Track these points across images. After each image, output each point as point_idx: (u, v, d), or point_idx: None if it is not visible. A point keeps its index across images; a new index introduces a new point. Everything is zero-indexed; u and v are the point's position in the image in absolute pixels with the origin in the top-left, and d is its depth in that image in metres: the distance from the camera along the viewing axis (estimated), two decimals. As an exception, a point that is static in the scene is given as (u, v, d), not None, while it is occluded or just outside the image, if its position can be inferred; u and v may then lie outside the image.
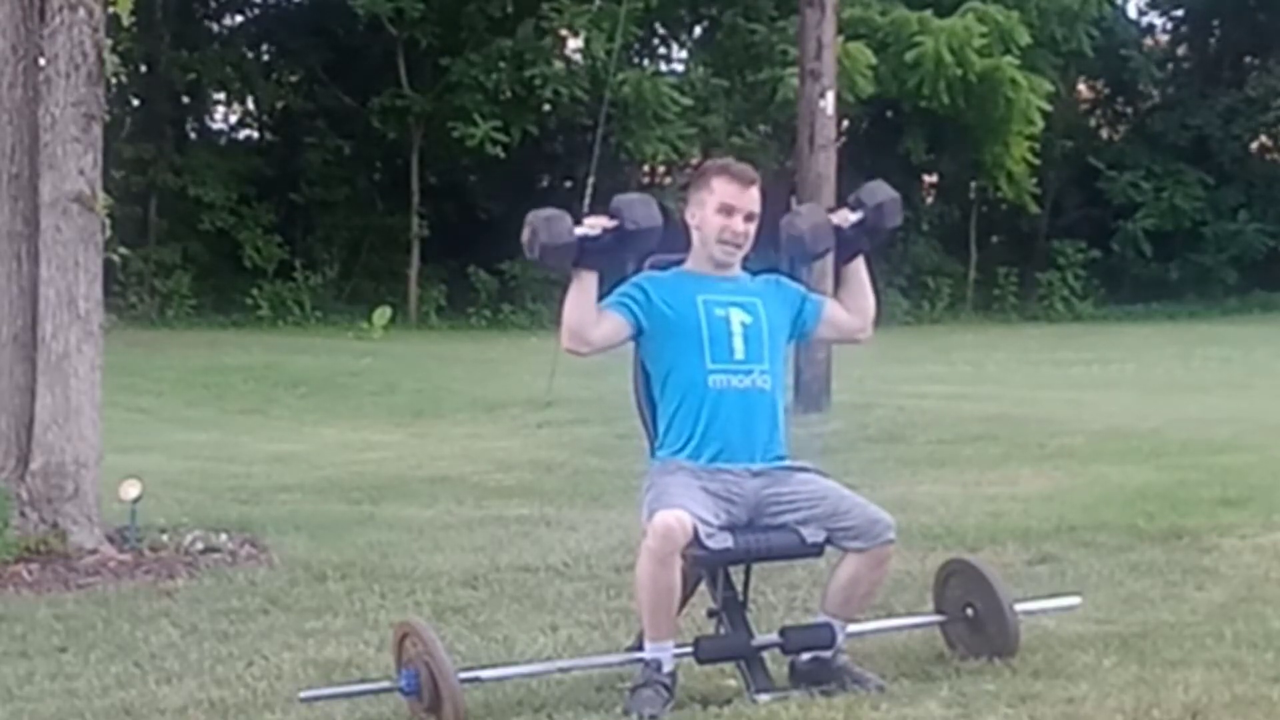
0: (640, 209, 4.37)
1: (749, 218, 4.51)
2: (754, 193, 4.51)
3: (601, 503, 8.37)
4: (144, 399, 15.07)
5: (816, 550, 4.43)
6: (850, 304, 4.72)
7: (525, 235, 4.41)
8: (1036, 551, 6.43)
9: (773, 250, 4.65)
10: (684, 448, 4.44)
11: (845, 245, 4.66)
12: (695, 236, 4.57)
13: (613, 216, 4.35)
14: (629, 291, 4.47)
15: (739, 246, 4.53)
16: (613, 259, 4.41)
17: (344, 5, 25.55)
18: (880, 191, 4.71)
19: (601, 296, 4.43)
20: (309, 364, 18.41)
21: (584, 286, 4.36)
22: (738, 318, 4.48)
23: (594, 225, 4.35)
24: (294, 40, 28.85)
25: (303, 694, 4.34)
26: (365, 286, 27.52)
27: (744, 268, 4.61)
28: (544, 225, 4.36)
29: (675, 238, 4.64)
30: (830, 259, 4.72)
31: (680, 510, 4.18)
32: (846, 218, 4.64)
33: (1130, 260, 29.83)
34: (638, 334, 4.46)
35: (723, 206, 4.49)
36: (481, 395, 15.11)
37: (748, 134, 26.95)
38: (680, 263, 4.60)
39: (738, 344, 4.46)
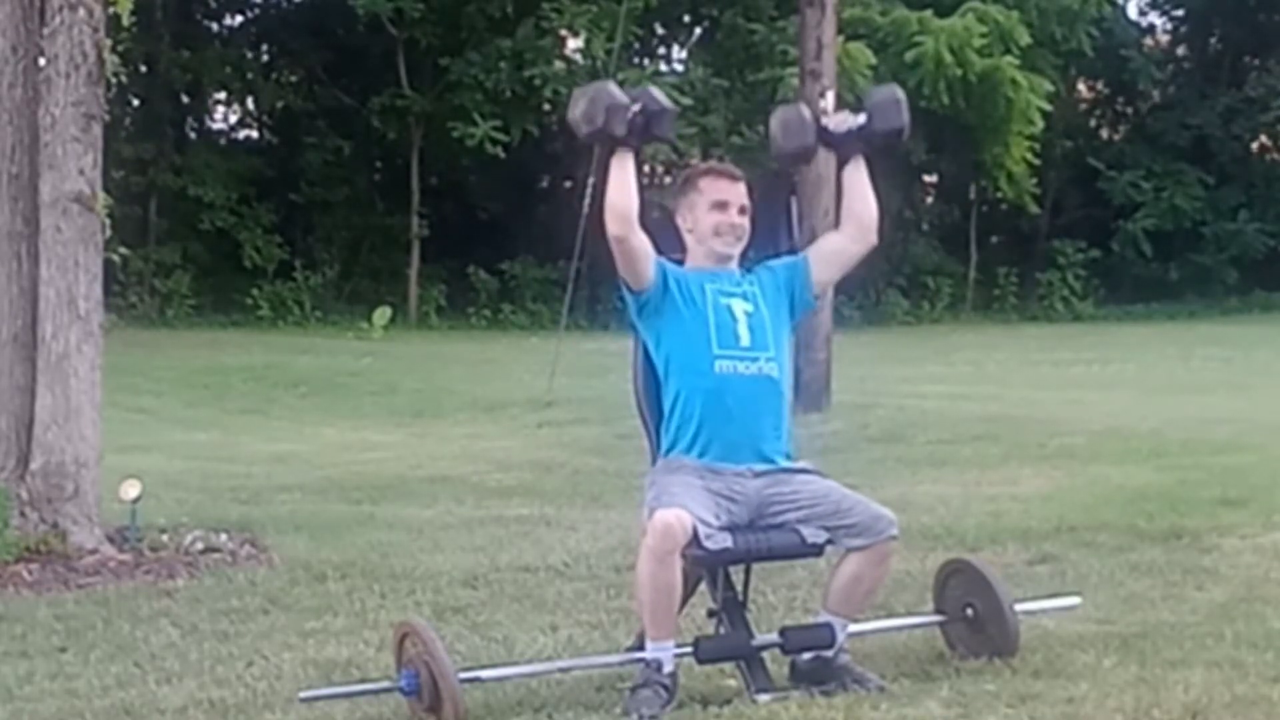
0: (656, 93, 4.45)
1: (742, 210, 4.54)
2: (742, 188, 4.55)
3: (601, 503, 8.37)
4: (144, 399, 15.07)
5: (817, 550, 4.43)
6: (847, 210, 4.66)
7: (581, 106, 4.36)
8: (1036, 551, 6.43)
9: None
10: (687, 438, 4.44)
11: (838, 148, 4.64)
12: (690, 239, 4.59)
13: (635, 102, 4.38)
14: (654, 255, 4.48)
15: (738, 238, 4.55)
16: (641, 141, 4.42)
17: (344, 5, 25.54)
18: (880, 93, 4.71)
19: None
20: (309, 364, 18.41)
21: (627, 167, 4.37)
22: (741, 306, 4.50)
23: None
24: (294, 40, 28.86)
25: (303, 694, 4.35)
26: (365, 286, 27.52)
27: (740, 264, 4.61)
28: (602, 89, 4.37)
29: (675, 238, 4.65)
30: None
31: (680, 509, 4.18)
32: (844, 120, 4.62)
33: (1130, 260, 29.82)
34: (658, 289, 4.44)
35: (715, 203, 4.52)
36: (481, 395, 15.12)
37: (748, 134, 26.92)
38: (679, 263, 4.60)
39: (743, 331, 4.47)
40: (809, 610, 5.08)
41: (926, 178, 31.18)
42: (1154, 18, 33.70)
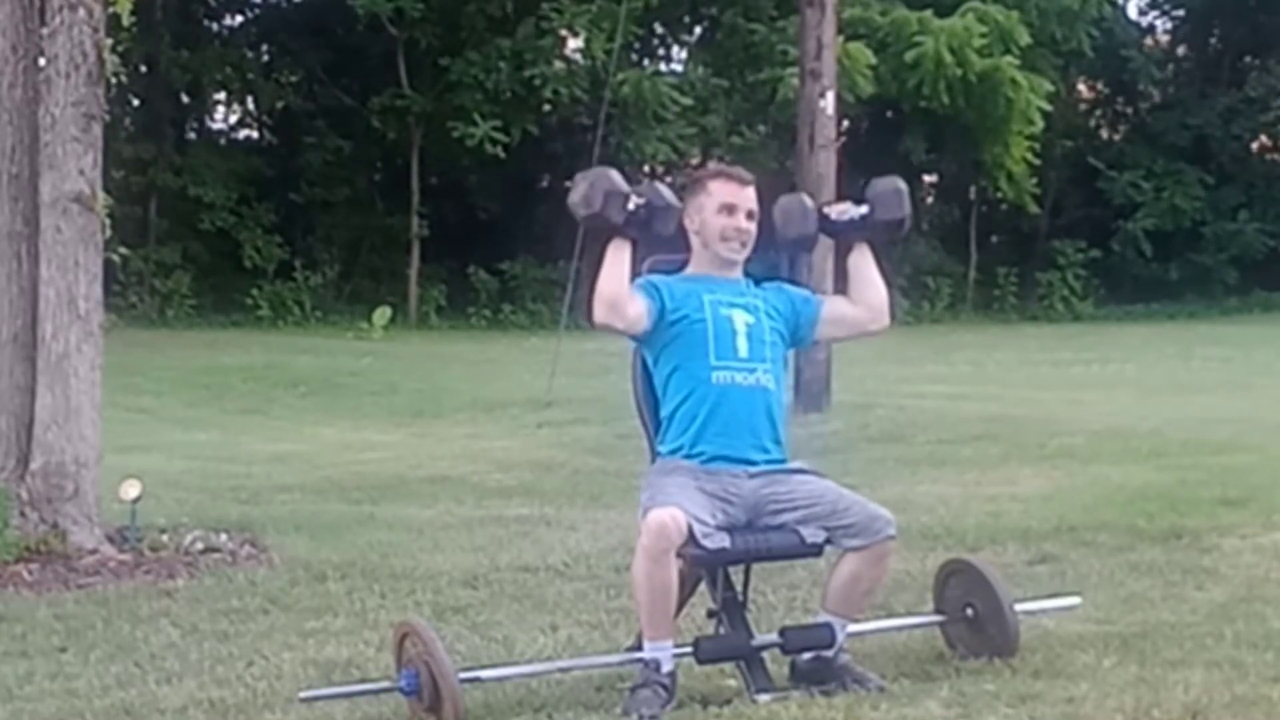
0: (663, 190, 4.48)
1: (750, 215, 4.54)
2: (751, 192, 4.55)
3: (601, 503, 8.37)
4: (144, 399, 15.07)
5: (816, 550, 4.43)
6: (856, 296, 4.68)
7: (581, 189, 4.38)
8: (1036, 551, 6.43)
9: (770, 246, 4.65)
10: (684, 445, 4.44)
11: (839, 237, 4.67)
12: (695, 241, 4.58)
13: (640, 195, 4.40)
14: (642, 284, 4.49)
15: (744, 244, 4.55)
16: (641, 235, 4.43)
17: (344, 5, 25.55)
18: (882, 183, 4.71)
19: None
20: (309, 364, 18.41)
21: (621, 257, 4.39)
22: (741, 318, 4.50)
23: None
24: (294, 40, 28.86)
25: (303, 694, 4.35)
26: (365, 286, 27.53)
27: (746, 273, 4.62)
28: (602, 175, 4.39)
29: (678, 238, 4.65)
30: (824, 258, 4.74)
31: (674, 508, 4.18)
32: (845, 210, 4.64)
33: (1130, 260, 29.82)
34: (654, 325, 4.45)
35: (724, 206, 4.51)
36: (481, 395, 15.12)
37: (748, 134, 26.95)
38: (681, 266, 4.60)
39: (741, 343, 4.47)
40: (809, 610, 5.07)
41: (926, 178, 31.18)
42: (1154, 18, 33.76)
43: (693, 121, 26.12)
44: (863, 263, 4.67)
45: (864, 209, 4.64)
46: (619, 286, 4.38)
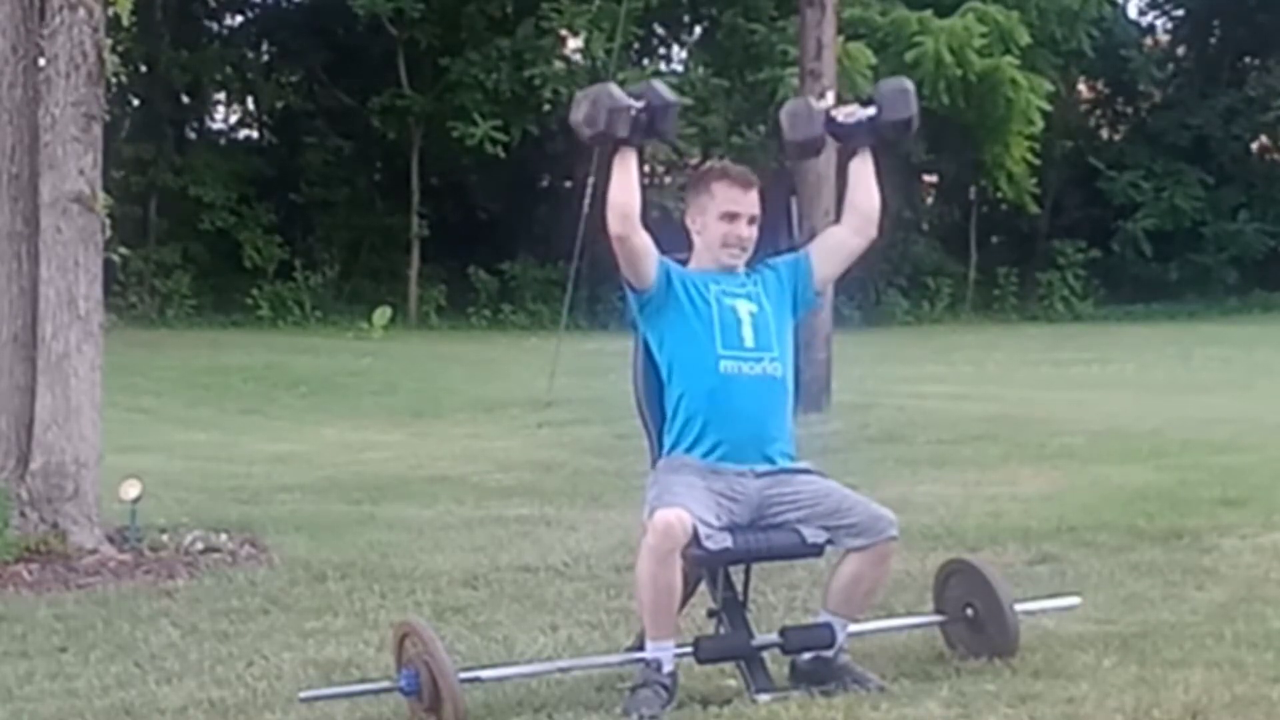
0: (659, 86, 4.47)
1: (751, 221, 4.53)
2: (754, 196, 4.53)
3: (601, 503, 8.37)
4: (144, 399, 15.06)
5: (817, 550, 4.44)
6: (850, 202, 4.66)
7: (584, 108, 4.36)
8: (1036, 551, 6.43)
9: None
10: (690, 438, 4.44)
11: (843, 139, 4.65)
12: (698, 241, 4.58)
13: (639, 98, 4.38)
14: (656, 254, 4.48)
15: (744, 250, 4.55)
16: (644, 139, 4.44)
17: (344, 5, 25.54)
18: (888, 84, 4.72)
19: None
20: (309, 364, 18.40)
21: (630, 166, 4.38)
22: (745, 307, 4.50)
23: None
24: (294, 40, 28.85)
25: (303, 694, 4.35)
26: (365, 286, 27.51)
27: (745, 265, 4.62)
28: (603, 92, 4.38)
29: (677, 237, 4.65)
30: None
31: (680, 509, 4.18)
32: (853, 112, 4.63)
33: (1130, 260, 29.81)
34: (661, 289, 4.43)
35: (725, 214, 4.51)
36: (481, 395, 15.12)
37: (747, 134, 26.92)
38: (683, 263, 4.60)
39: (747, 332, 4.47)
40: (809, 610, 5.08)
41: (926, 178, 31.16)
42: (1154, 18, 33.72)
43: (693, 121, 26.07)
44: (863, 168, 4.66)
45: (871, 110, 4.63)
46: (632, 197, 4.36)
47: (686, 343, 4.47)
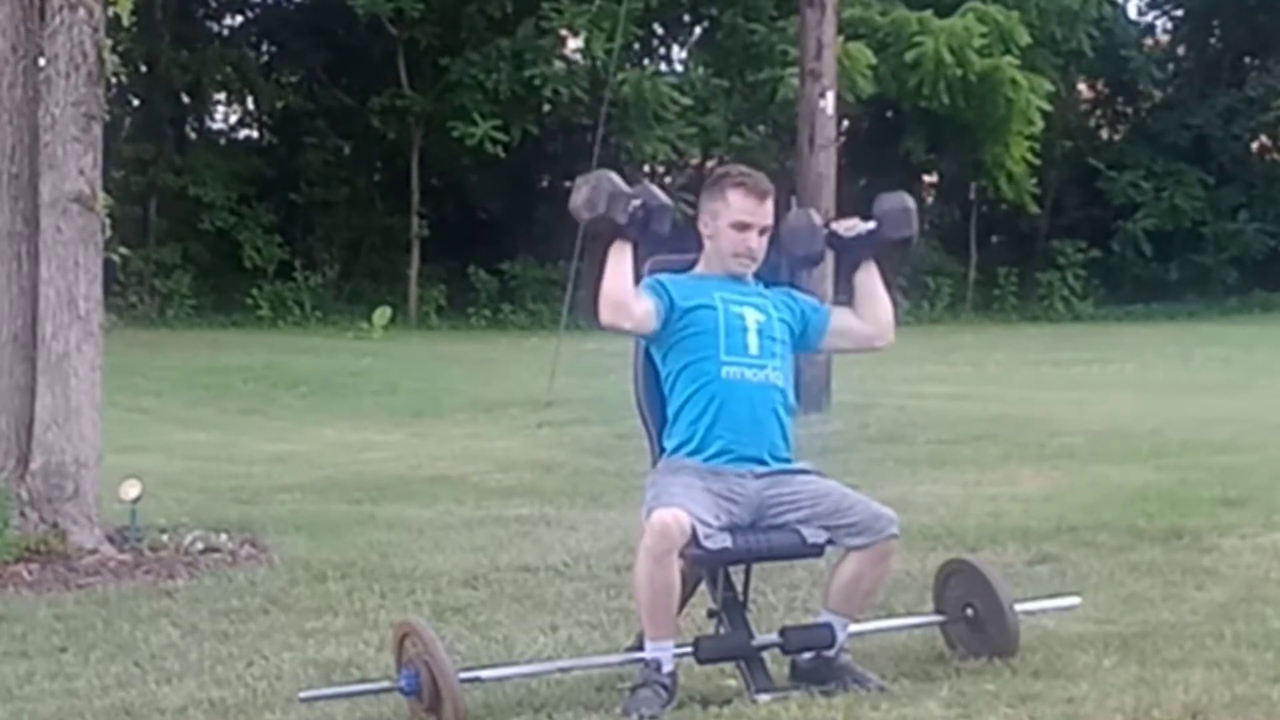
0: (653, 189, 4.49)
1: (763, 231, 4.53)
2: (769, 206, 4.53)
3: (601, 503, 8.37)
4: (144, 399, 15.06)
5: (817, 550, 4.44)
6: (863, 312, 4.68)
7: (584, 193, 4.37)
8: (1036, 551, 6.43)
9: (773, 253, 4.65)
10: (690, 440, 4.44)
11: (845, 253, 4.67)
12: (708, 245, 4.59)
13: (635, 196, 4.40)
14: (650, 284, 4.49)
15: (754, 259, 4.55)
16: (640, 236, 4.44)
17: (344, 5, 25.53)
18: (889, 200, 4.71)
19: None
20: (309, 364, 18.40)
21: (624, 257, 4.39)
22: (752, 315, 4.51)
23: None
24: (294, 40, 28.84)
25: (303, 694, 4.35)
26: (365, 286, 27.51)
27: (755, 275, 4.62)
28: (604, 177, 4.39)
29: (678, 237, 4.65)
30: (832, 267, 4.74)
31: (678, 509, 4.18)
32: (854, 226, 4.64)
33: (1130, 260, 29.80)
34: (663, 324, 4.45)
35: (738, 224, 4.51)
36: (481, 395, 15.12)
37: (748, 134, 26.93)
38: (690, 265, 4.60)
39: (752, 339, 4.48)
40: (809, 610, 5.08)
41: (926, 178, 31.16)
42: (1154, 18, 33.72)
43: (693, 121, 26.11)
44: (869, 280, 4.67)
45: (872, 225, 4.64)
46: (624, 287, 4.38)
47: (691, 349, 4.47)
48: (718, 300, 4.49)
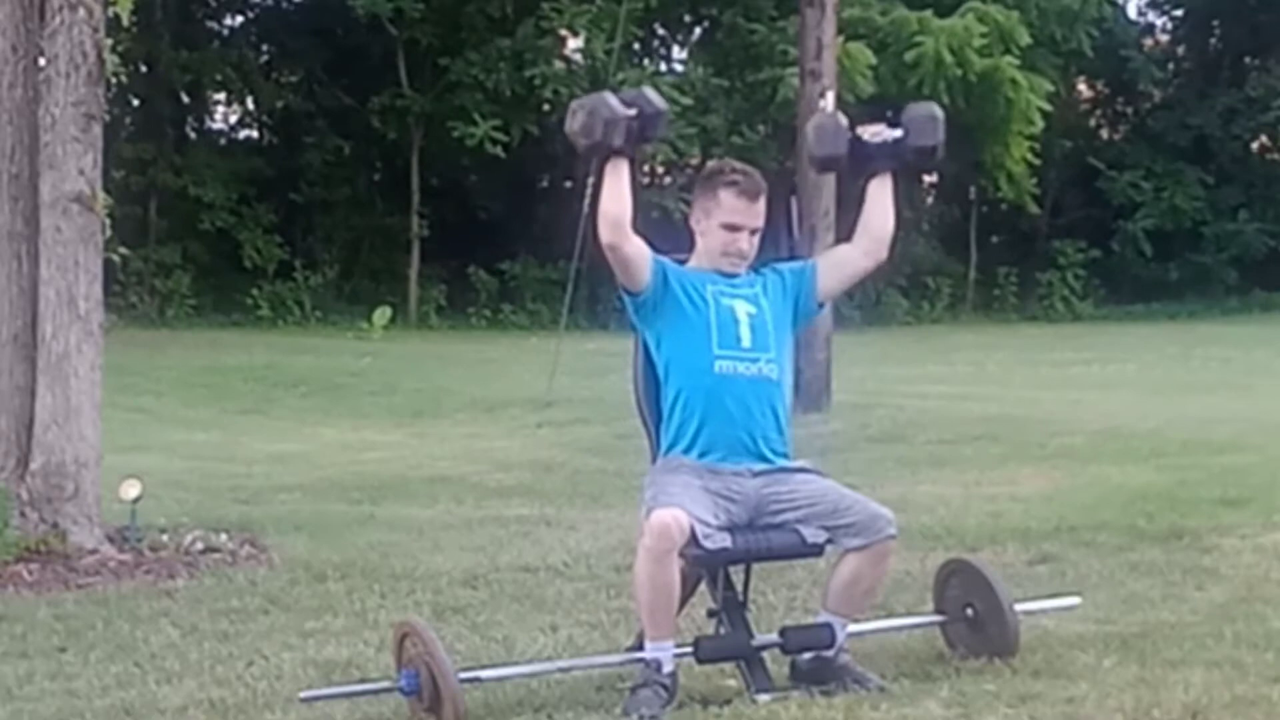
0: (650, 94, 4.45)
1: (754, 232, 4.53)
2: (760, 206, 4.52)
3: (601, 503, 8.37)
4: (144, 399, 15.06)
5: (817, 550, 4.44)
6: (863, 224, 4.63)
7: (580, 119, 4.35)
8: (1036, 551, 6.43)
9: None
10: (686, 438, 4.44)
11: (866, 160, 4.62)
12: (700, 242, 4.58)
13: (630, 105, 4.37)
14: (647, 254, 4.47)
15: (744, 258, 4.54)
16: (636, 147, 4.43)
17: (344, 5, 25.53)
18: (917, 108, 4.69)
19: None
20: (309, 364, 18.40)
21: (621, 175, 4.37)
22: (743, 308, 4.50)
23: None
24: (294, 40, 28.84)
25: (303, 694, 4.35)
26: (365, 286, 27.50)
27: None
28: (600, 103, 4.37)
29: (678, 237, 4.65)
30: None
31: (677, 509, 4.18)
32: (879, 132, 4.60)
33: (1130, 260, 29.81)
34: (653, 288, 4.43)
35: (728, 224, 4.50)
36: (481, 395, 15.11)
37: (748, 134, 26.91)
38: (683, 262, 4.60)
39: (744, 332, 4.46)
40: (809, 610, 5.07)
41: (926, 178, 31.12)
42: (1154, 18, 33.71)
43: (693, 121, 26.09)
44: (881, 191, 4.62)
45: (898, 132, 4.60)
46: (624, 207, 4.35)
47: (683, 342, 4.46)
48: (709, 294, 4.48)
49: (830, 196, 11.71)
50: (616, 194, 4.34)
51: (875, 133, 4.59)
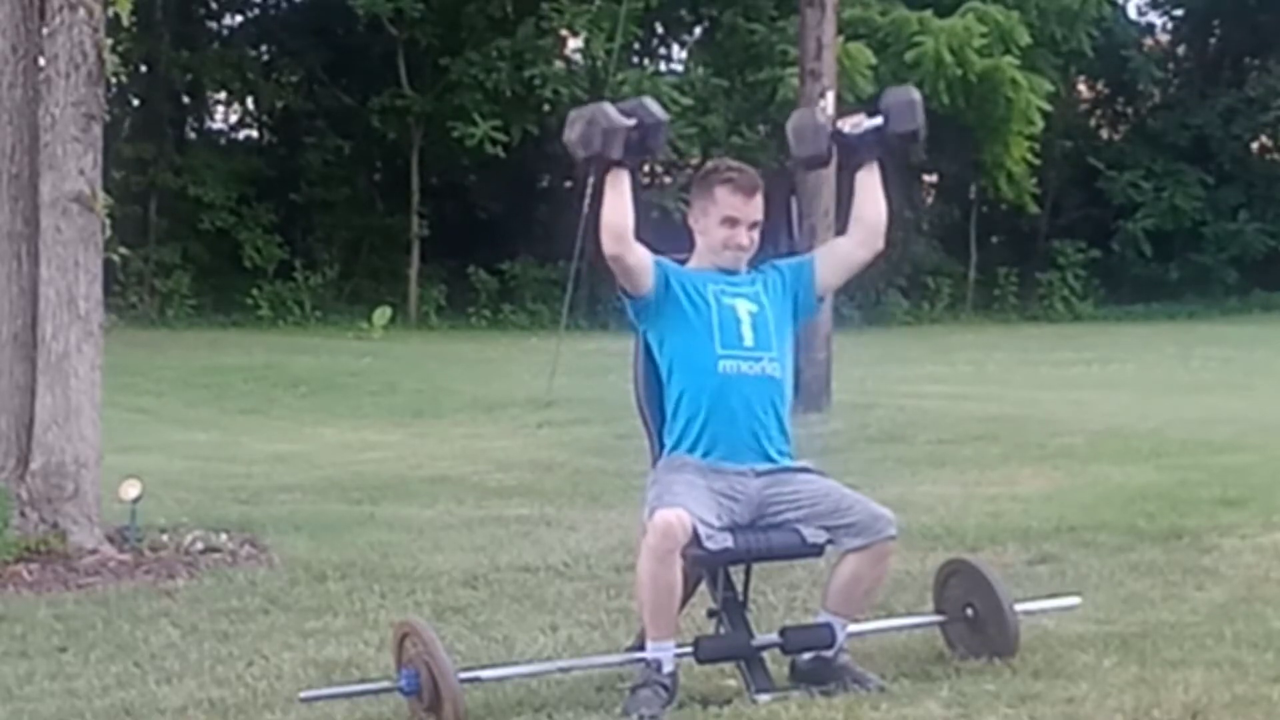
0: (650, 105, 4.43)
1: (752, 226, 4.52)
2: (758, 201, 4.52)
3: (601, 503, 8.37)
4: (144, 399, 15.07)
5: (817, 550, 4.44)
6: (855, 216, 4.63)
7: (579, 129, 4.35)
8: (1036, 551, 6.43)
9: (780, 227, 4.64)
10: (689, 437, 4.44)
11: (851, 152, 4.63)
12: (699, 241, 4.58)
13: (629, 115, 4.36)
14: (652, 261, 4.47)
15: (745, 252, 4.55)
16: (636, 158, 4.42)
17: (344, 5, 25.54)
18: (895, 94, 4.68)
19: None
20: (309, 364, 18.40)
21: (622, 187, 4.35)
22: (745, 307, 4.50)
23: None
24: (294, 40, 28.84)
25: (303, 694, 4.35)
26: (365, 286, 27.51)
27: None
28: (599, 113, 4.35)
29: (678, 237, 4.65)
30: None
31: (680, 509, 4.18)
32: (859, 123, 4.60)
33: (1130, 260, 29.81)
34: (656, 292, 4.43)
35: (727, 219, 4.50)
36: (481, 395, 15.11)
37: (748, 134, 26.91)
38: (683, 262, 4.60)
39: (746, 331, 4.47)
40: (809, 610, 5.07)
41: (926, 178, 31.16)
42: (1154, 18, 33.72)
43: (693, 121, 26.09)
44: (869, 181, 4.63)
45: (878, 120, 4.60)
46: (625, 216, 4.35)
47: (686, 342, 4.47)
48: (711, 293, 4.48)
49: (830, 195, 11.69)
50: (618, 205, 4.34)
51: (855, 124, 4.61)
